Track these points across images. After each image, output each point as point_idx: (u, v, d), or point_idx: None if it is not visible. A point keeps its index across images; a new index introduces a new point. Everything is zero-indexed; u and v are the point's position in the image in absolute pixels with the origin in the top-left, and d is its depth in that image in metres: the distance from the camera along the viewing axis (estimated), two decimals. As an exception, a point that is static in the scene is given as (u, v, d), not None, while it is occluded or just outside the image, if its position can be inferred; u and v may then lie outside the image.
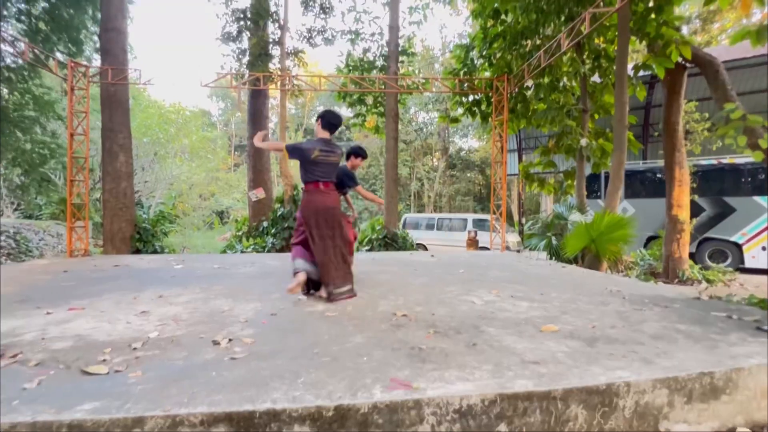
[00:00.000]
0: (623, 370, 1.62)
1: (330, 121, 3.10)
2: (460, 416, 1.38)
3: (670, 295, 3.20)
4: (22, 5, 7.89)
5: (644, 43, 5.87)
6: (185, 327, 2.27)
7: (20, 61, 7.99)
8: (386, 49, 9.01)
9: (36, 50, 5.70)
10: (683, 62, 5.95)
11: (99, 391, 1.44)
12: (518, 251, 11.73)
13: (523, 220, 19.86)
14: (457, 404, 1.39)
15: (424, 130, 27.92)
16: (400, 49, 8.95)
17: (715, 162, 9.10)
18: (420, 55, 25.78)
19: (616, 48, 6.72)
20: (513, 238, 12.71)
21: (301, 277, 3.00)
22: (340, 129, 3.32)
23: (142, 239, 7.17)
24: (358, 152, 3.74)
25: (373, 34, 9.78)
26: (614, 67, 6.94)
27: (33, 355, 1.82)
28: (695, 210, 9.35)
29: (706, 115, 8.98)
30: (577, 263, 5.55)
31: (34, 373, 1.60)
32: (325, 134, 3.10)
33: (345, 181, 3.56)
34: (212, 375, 1.58)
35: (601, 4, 5.26)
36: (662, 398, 1.56)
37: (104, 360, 1.74)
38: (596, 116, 7.66)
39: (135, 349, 1.89)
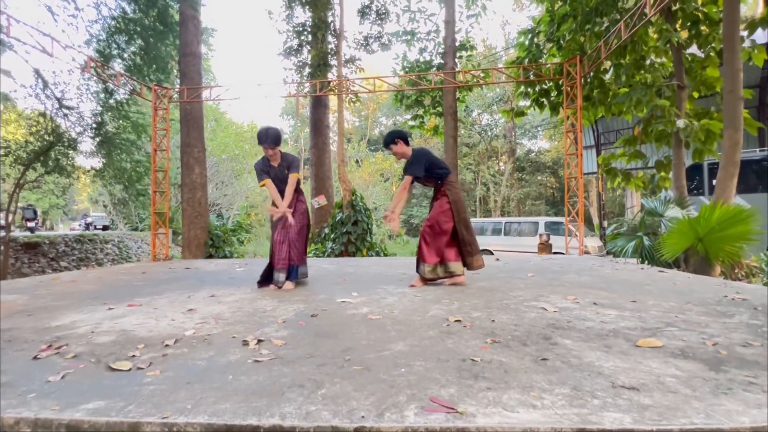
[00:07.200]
0: (777, 409, 1.10)
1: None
2: (523, 457, 1.01)
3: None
4: (124, 46, 9.08)
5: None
6: (223, 326, 2.17)
7: (121, 94, 9.04)
8: (443, 46, 8.67)
9: (131, 80, 6.45)
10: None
11: (111, 389, 1.33)
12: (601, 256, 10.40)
13: (605, 224, 17.78)
14: (518, 440, 1.02)
15: (489, 132, 26.70)
16: (457, 44, 8.54)
17: None
18: (482, 54, 24.85)
19: (718, 8, 5.61)
20: (593, 242, 11.33)
21: None
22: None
23: (214, 245, 7.65)
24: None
25: (429, 33, 9.51)
26: (719, 32, 5.80)
27: (75, 347, 1.82)
28: None
29: None
30: (679, 268, 4.62)
31: (66, 366, 1.57)
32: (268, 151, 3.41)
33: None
34: (228, 379, 1.40)
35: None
36: None
37: (133, 356, 1.68)
38: (696, 94, 6.44)
39: (167, 345, 1.81)
